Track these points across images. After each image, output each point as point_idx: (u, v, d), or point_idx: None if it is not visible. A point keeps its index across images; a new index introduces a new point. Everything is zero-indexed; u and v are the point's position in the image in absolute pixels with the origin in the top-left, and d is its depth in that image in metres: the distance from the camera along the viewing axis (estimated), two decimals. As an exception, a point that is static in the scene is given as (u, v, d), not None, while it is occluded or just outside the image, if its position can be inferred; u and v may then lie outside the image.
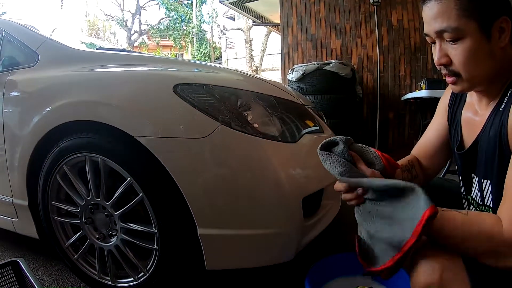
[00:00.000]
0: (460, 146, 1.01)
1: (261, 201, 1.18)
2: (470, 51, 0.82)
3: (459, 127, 1.03)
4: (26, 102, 1.53)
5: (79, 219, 1.40)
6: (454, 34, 0.82)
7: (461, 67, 0.85)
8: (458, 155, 1.01)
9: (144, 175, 1.22)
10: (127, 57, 1.64)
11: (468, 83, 0.87)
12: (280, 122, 1.33)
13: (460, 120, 1.03)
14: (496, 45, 0.82)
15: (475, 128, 0.94)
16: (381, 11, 4.79)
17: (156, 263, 1.28)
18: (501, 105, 0.85)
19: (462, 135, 1.01)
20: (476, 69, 0.85)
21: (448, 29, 0.82)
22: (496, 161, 0.84)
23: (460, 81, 0.88)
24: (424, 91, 3.85)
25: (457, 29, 0.81)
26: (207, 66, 1.76)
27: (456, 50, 0.84)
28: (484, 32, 0.81)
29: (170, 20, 22.32)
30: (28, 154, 1.45)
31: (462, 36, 0.82)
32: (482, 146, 0.90)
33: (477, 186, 0.94)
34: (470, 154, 0.95)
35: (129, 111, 1.24)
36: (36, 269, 1.65)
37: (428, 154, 1.18)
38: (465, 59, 0.83)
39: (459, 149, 1.01)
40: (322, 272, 1.23)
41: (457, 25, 0.81)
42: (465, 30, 0.81)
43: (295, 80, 4.29)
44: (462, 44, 0.82)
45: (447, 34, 0.83)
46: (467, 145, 0.97)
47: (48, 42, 1.65)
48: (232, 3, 7.50)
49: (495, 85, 0.88)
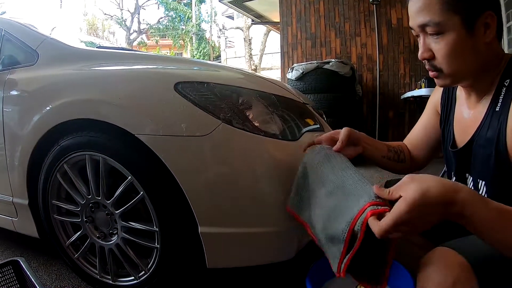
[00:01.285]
0: (453, 145, 1.01)
1: (262, 199, 1.17)
2: (452, 46, 0.82)
3: (451, 127, 1.03)
4: (26, 101, 1.52)
5: (79, 218, 1.40)
6: (436, 28, 0.82)
7: (443, 61, 0.85)
8: (452, 153, 1.00)
9: (145, 173, 1.22)
10: (127, 55, 1.64)
11: (450, 78, 0.88)
12: (281, 120, 1.33)
13: (452, 120, 1.03)
14: (480, 40, 0.82)
15: (468, 127, 0.93)
16: (381, 10, 4.80)
17: (157, 262, 1.27)
18: (497, 105, 0.84)
19: (454, 134, 1.01)
20: (458, 64, 0.85)
21: (430, 23, 0.82)
22: (493, 162, 0.84)
23: (442, 76, 0.88)
24: (423, 90, 3.85)
25: (439, 23, 0.81)
26: (207, 64, 1.75)
27: (439, 45, 0.84)
28: (468, 27, 0.81)
29: (169, 19, 22.33)
30: (28, 153, 1.44)
31: (444, 30, 0.82)
32: (478, 146, 0.89)
33: (472, 186, 0.94)
34: (464, 153, 0.95)
35: (130, 109, 1.24)
36: (36, 268, 1.65)
37: (415, 147, 1.20)
38: (447, 53, 0.83)
39: (453, 147, 1.00)
40: (323, 271, 1.23)
41: (439, 19, 0.81)
42: (447, 25, 0.81)
43: (294, 79, 4.29)
44: (444, 39, 0.83)
45: (429, 28, 0.83)
46: (460, 144, 0.97)
47: (48, 41, 1.65)
48: (231, 2, 7.51)
49: (482, 81, 0.88)
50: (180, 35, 22.12)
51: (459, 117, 1.00)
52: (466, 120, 0.96)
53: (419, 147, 1.20)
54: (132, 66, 1.45)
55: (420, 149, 1.20)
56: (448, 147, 1.03)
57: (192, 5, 21.96)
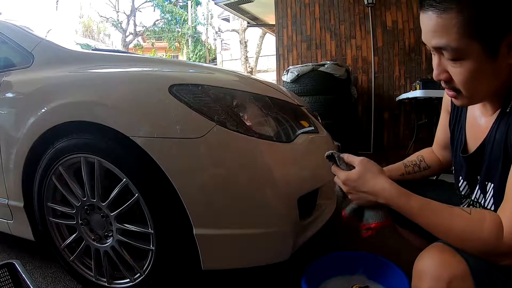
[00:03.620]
0: (464, 149, 0.97)
1: (256, 201, 1.18)
2: (471, 73, 0.75)
3: (463, 130, 0.98)
4: (21, 103, 1.52)
5: (74, 220, 1.40)
6: (454, 54, 0.75)
7: (462, 86, 0.79)
8: (463, 158, 0.96)
9: (140, 175, 1.22)
10: (123, 58, 1.64)
11: (469, 99, 0.83)
12: (275, 122, 1.33)
13: (464, 123, 0.99)
14: (503, 62, 0.74)
15: (480, 132, 0.89)
16: (376, 13, 4.82)
17: (152, 264, 1.28)
18: (507, 107, 0.80)
19: (466, 138, 0.97)
20: (478, 88, 0.79)
21: (448, 48, 0.74)
22: (500, 164, 0.80)
23: (461, 97, 0.82)
24: (418, 92, 3.87)
25: (457, 49, 0.73)
26: (202, 67, 1.76)
27: (456, 69, 0.77)
28: (489, 52, 0.73)
29: (165, 22, 22.32)
30: (23, 155, 1.44)
31: (463, 57, 0.74)
32: (488, 149, 0.85)
33: (480, 188, 0.91)
34: (475, 157, 0.91)
35: (125, 111, 1.24)
36: (31, 271, 1.65)
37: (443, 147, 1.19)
38: (466, 79, 0.77)
39: (464, 152, 0.97)
40: (319, 272, 1.24)
41: (457, 45, 0.73)
42: (466, 51, 0.73)
43: (290, 81, 4.30)
44: (463, 65, 0.75)
45: (446, 53, 0.76)
46: (472, 149, 0.93)
47: (43, 43, 1.65)
48: (227, 4, 7.52)
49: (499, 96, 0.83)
50: (176, 37, 22.10)
51: (472, 122, 0.96)
52: (479, 126, 0.91)
53: (441, 147, 1.19)
54: (127, 69, 1.46)
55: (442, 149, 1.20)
56: (459, 151, 0.99)
57: (188, 8, 21.96)
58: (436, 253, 0.77)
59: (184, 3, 22.41)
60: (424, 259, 0.78)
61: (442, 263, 0.74)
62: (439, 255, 0.76)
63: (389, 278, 1.20)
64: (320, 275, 1.25)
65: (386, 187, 0.89)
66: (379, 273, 1.24)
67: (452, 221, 0.77)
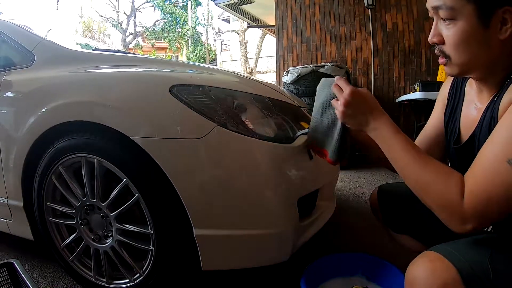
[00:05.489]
0: (457, 140, 0.99)
1: (256, 201, 1.18)
2: (462, 35, 0.79)
3: (458, 122, 1.00)
4: (21, 103, 1.52)
5: (74, 220, 1.40)
6: (448, 13, 0.79)
7: (452, 49, 0.82)
8: (454, 150, 0.98)
9: (140, 176, 1.22)
10: (123, 58, 1.64)
11: (458, 67, 0.85)
12: (276, 123, 1.34)
13: (459, 116, 1.00)
14: (494, 36, 0.78)
15: (473, 122, 0.91)
16: (376, 14, 4.83)
17: (152, 264, 1.28)
18: (496, 96, 0.83)
19: (460, 130, 0.99)
20: (466, 55, 0.81)
21: (443, 6, 0.79)
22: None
23: (450, 64, 0.85)
24: (418, 93, 3.88)
25: (451, 8, 0.78)
26: (202, 68, 1.76)
27: (449, 31, 0.81)
28: (482, 18, 0.77)
29: (165, 22, 22.32)
30: (23, 154, 1.44)
31: (457, 16, 0.79)
32: (477, 139, 0.87)
33: None
34: (466, 149, 0.93)
35: (125, 111, 1.24)
36: (31, 270, 1.64)
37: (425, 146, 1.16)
38: (456, 42, 0.80)
39: (456, 144, 0.98)
40: (318, 273, 1.24)
41: (452, 4, 0.78)
42: (460, 11, 0.78)
43: (290, 82, 4.30)
44: (455, 26, 0.79)
45: (442, 12, 0.80)
46: (464, 140, 0.95)
47: (44, 43, 1.65)
48: (227, 5, 7.52)
49: (494, 77, 0.85)
50: (176, 38, 22.11)
51: (466, 113, 0.97)
52: (473, 116, 0.93)
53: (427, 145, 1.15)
54: (127, 69, 1.46)
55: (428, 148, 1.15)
56: (451, 143, 1.01)
57: (188, 8, 21.97)
58: (426, 261, 0.77)
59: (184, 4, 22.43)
60: (415, 268, 0.78)
61: (433, 271, 0.74)
62: (430, 263, 0.75)
63: (388, 280, 1.21)
64: (320, 276, 1.25)
65: (385, 116, 0.92)
66: (378, 274, 1.24)
67: (425, 168, 0.81)
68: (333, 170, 1.66)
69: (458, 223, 0.74)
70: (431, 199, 0.78)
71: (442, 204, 0.76)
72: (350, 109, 0.94)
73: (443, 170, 0.78)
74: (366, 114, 0.93)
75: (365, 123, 0.93)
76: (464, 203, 0.72)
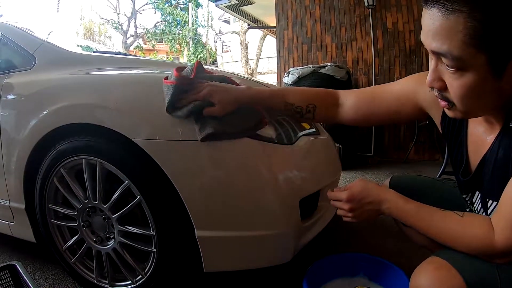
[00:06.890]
0: (465, 170, 0.89)
1: (258, 203, 1.18)
2: (470, 88, 0.67)
3: (464, 148, 0.89)
4: (23, 105, 1.52)
5: (76, 222, 1.40)
6: (455, 63, 0.65)
7: (457, 99, 0.70)
8: (463, 181, 0.90)
9: (141, 177, 1.22)
10: (124, 60, 1.64)
11: (463, 113, 0.74)
12: (277, 124, 1.34)
13: (465, 140, 0.89)
14: (508, 83, 0.66)
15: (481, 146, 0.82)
16: (376, 14, 4.83)
17: (154, 266, 1.28)
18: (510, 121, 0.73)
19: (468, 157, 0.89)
20: (474, 104, 0.71)
21: (449, 55, 0.65)
22: (505, 182, 0.72)
23: (454, 109, 0.74)
24: (419, 94, 3.86)
25: (459, 59, 0.64)
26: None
27: (454, 81, 0.68)
28: (495, 69, 0.64)
29: (165, 24, 22.31)
30: (25, 157, 1.44)
31: (464, 68, 0.65)
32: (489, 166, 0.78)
33: (480, 202, 0.86)
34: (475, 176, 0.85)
35: (126, 113, 1.24)
36: (33, 272, 1.65)
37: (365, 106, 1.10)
38: (463, 94, 0.68)
39: (464, 175, 0.89)
40: (320, 274, 1.24)
41: (460, 54, 0.63)
42: (469, 63, 0.64)
43: (290, 83, 4.31)
44: (462, 76, 0.66)
45: (446, 60, 0.66)
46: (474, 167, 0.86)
47: (45, 45, 1.66)
48: (227, 6, 7.53)
49: (502, 112, 0.75)
50: (177, 39, 22.11)
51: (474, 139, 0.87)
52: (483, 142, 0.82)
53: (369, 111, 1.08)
54: (129, 71, 1.46)
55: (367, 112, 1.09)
56: (459, 174, 0.91)
57: (189, 10, 21.99)
58: (431, 269, 0.77)
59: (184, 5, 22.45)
60: (421, 276, 0.78)
61: (439, 279, 0.74)
62: (435, 271, 0.76)
63: (390, 280, 1.20)
64: (322, 277, 1.25)
65: (391, 192, 0.94)
66: (380, 275, 1.24)
67: (444, 221, 0.81)
68: (334, 171, 1.66)
69: (495, 259, 0.75)
70: (465, 249, 0.78)
71: (476, 250, 0.76)
72: (357, 210, 0.97)
73: (464, 220, 0.79)
74: (373, 202, 0.94)
75: (377, 208, 0.94)
76: (497, 242, 0.72)
